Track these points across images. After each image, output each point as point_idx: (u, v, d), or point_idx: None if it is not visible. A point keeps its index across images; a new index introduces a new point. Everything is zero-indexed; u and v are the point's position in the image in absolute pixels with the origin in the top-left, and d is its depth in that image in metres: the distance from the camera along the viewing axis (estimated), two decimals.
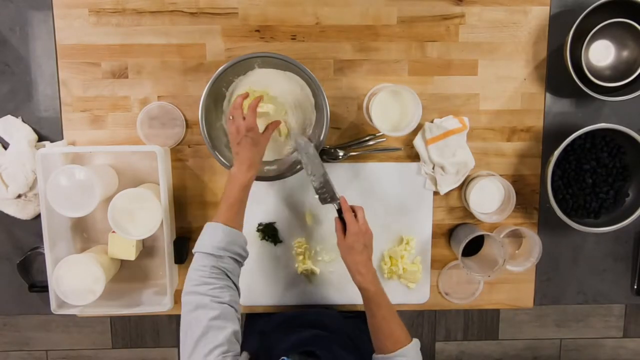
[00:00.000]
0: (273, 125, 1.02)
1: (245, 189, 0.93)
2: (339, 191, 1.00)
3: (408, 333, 0.91)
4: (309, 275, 1.16)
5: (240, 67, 1.03)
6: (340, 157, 1.13)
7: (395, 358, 0.87)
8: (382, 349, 0.90)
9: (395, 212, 1.16)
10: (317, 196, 1.00)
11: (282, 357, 0.85)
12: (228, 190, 0.91)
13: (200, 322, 0.78)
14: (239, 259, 0.89)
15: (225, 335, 0.78)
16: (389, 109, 1.05)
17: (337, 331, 1.06)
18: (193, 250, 0.88)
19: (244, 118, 0.95)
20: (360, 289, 0.93)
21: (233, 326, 0.80)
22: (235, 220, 0.90)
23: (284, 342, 0.99)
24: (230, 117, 0.96)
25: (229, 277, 0.86)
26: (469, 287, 1.21)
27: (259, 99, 0.98)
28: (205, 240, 0.88)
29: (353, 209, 0.97)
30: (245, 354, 0.83)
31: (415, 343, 0.90)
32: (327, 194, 0.99)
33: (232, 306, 0.82)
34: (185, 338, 0.79)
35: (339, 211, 0.98)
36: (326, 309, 1.17)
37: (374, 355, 0.91)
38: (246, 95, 0.99)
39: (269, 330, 1.10)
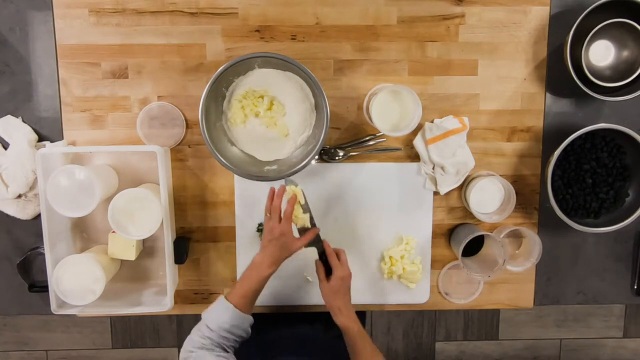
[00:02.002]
0: (309, 235, 1.02)
1: (263, 282, 0.98)
2: (339, 193, 1.00)
3: None
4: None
5: (240, 67, 1.03)
6: (340, 157, 1.13)
7: None
8: None
9: (395, 212, 1.15)
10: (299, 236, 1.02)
11: None
12: (247, 278, 0.97)
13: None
14: (240, 340, 0.95)
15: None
16: (389, 109, 1.05)
17: (321, 351, 1.07)
18: (202, 315, 0.95)
19: (280, 220, 0.98)
20: (343, 328, 0.97)
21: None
22: (247, 306, 0.95)
23: None
24: (268, 214, 1.00)
25: (226, 351, 0.92)
26: (469, 287, 1.21)
27: (293, 201, 0.99)
28: (213, 315, 0.93)
29: (336, 252, 1.02)
30: None
31: None
32: (313, 238, 1.02)
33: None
34: None
35: (321, 254, 1.03)
36: (310, 325, 1.18)
37: None
38: (283, 191, 1.00)
39: (252, 354, 1.11)
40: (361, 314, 1.29)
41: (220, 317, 0.92)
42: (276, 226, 0.97)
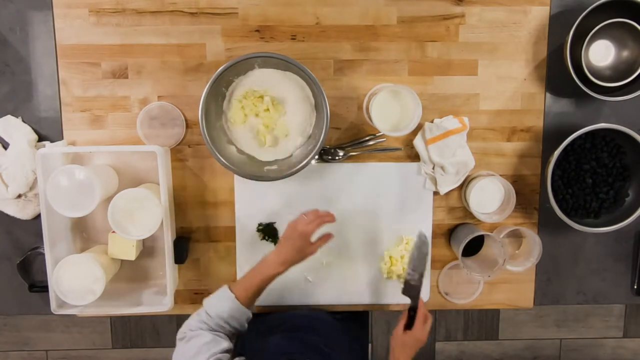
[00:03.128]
0: (323, 240, 1.01)
1: (269, 280, 0.97)
2: (339, 193, 1.00)
3: None
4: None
5: (240, 67, 1.03)
6: (340, 157, 1.13)
7: None
8: None
9: (395, 212, 1.15)
10: (402, 286, 1.04)
11: None
12: (253, 273, 0.97)
13: (192, 348, 0.86)
14: (235, 332, 0.95)
15: (213, 352, 0.84)
16: (389, 109, 1.05)
17: (326, 333, 1.06)
18: (204, 301, 0.95)
19: (309, 222, 0.97)
20: None
21: (222, 347, 0.86)
22: (248, 300, 0.95)
23: (271, 348, 1.00)
24: (304, 216, 0.99)
25: (225, 333, 0.93)
26: (469, 287, 1.21)
27: (332, 218, 1.00)
28: (214, 302, 0.94)
29: (426, 314, 1.02)
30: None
31: None
32: (413, 291, 1.02)
33: (223, 338, 0.89)
34: None
35: (412, 309, 1.02)
36: (315, 311, 1.17)
37: None
38: (333, 216, 1.01)
39: (258, 333, 1.10)
40: (362, 314, 1.30)
41: (220, 305, 0.93)
42: (300, 224, 0.96)
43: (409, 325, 1.01)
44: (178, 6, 1.09)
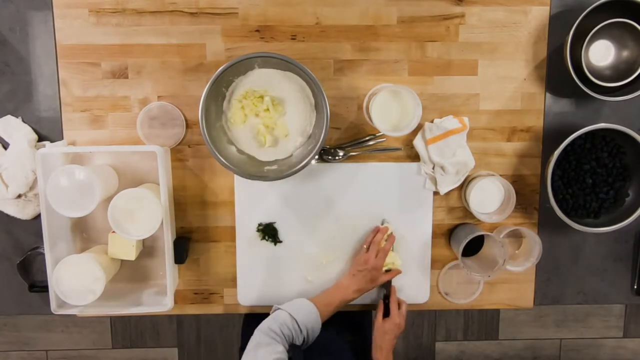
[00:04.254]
0: (393, 274, 1.12)
1: (344, 304, 1.08)
2: (339, 193, 1.00)
3: None
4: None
5: (240, 67, 1.03)
6: (340, 157, 1.13)
7: None
8: None
9: (395, 212, 1.15)
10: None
11: None
12: (332, 293, 1.08)
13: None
14: (301, 343, 0.99)
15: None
16: (389, 109, 1.05)
17: (327, 340, 1.07)
18: (282, 306, 1.00)
19: (376, 255, 1.09)
20: None
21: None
22: (325, 317, 1.03)
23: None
24: (365, 247, 1.11)
25: (291, 344, 0.96)
26: (469, 287, 1.21)
27: (392, 240, 1.12)
28: (300, 311, 0.99)
29: (399, 301, 1.12)
30: None
31: None
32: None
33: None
34: None
35: (386, 296, 1.13)
36: (324, 329, 1.18)
37: None
38: (385, 231, 1.12)
39: None
40: (366, 314, 1.30)
41: (307, 314, 0.99)
42: (371, 260, 1.08)
43: (386, 314, 1.10)
44: (178, 6, 1.09)
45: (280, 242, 1.16)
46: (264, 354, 0.88)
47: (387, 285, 1.13)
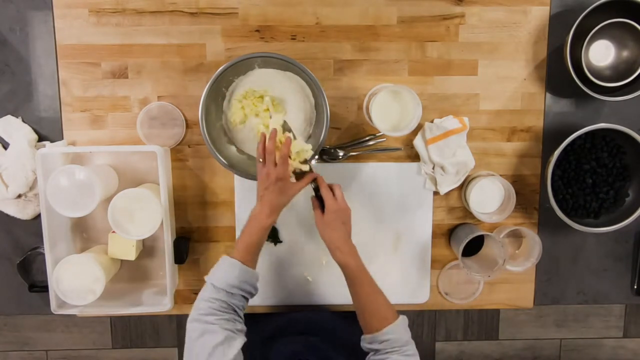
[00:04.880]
0: (307, 179, 0.98)
1: (265, 233, 0.94)
2: None
3: (395, 310, 0.90)
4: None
5: (240, 67, 1.03)
6: (340, 157, 1.13)
7: (382, 336, 0.86)
8: (369, 328, 0.89)
9: (395, 212, 1.16)
10: (293, 176, 0.99)
11: None
12: (248, 231, 0.93)
13: (205, 347, 0.81)
14: (248, 296, 0.92)
15: (231, 356, 0.80)
16: (389, 109, 1.05)
17: (328, 334, 1.06)
18: (206, 278, 0.90)
19: (275, 164, 0.93)
20: (341, 265, 0.92)
21: (233, 352, 0.82)
22: (252, 260, 0.92)
23: (277, 353, 0.99)
24: (260, 160, 0.94)
25: (237, 312, 0.88)
26: (469, 287, 1.21)
27: (289, 143, 0.94)
28: (220, 274, 0.89)
29: (331, 187, 0.97)
30: None
31: (402, 320, 0.89)
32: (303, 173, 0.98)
33: (236, 333, 0.85)
34: None
35: (316, 190, 0.98)
36: (317, 311, 1.17)
37: (362, 337, 0.90)
38: (275, 134, 0.95)
39: (262, 339, 1.10)
40: (353, 313, 1.30)
41: (227, 274, 0.88)
42: (272, 171, 0.92)
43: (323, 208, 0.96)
44: (178, 6, 1.09)
45: (280, 242, 1.16)
46: (208, 339, 0.82)
47: (313, 182, 0.98)
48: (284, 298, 1.17)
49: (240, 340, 0.84)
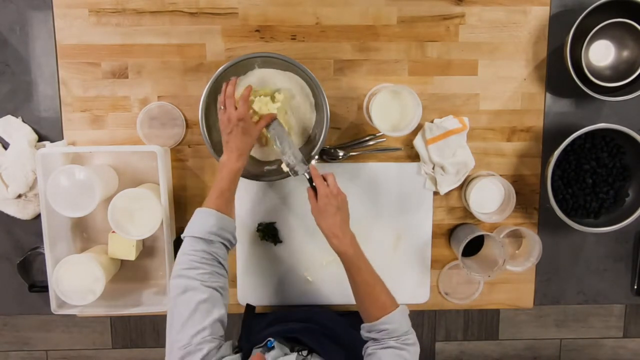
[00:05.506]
0: (267, 118, 0.99)
1: (235, 177, 0.94)
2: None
3: (394, 299, 0.89)
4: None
5: (240, 67, 1.03)
6: (340, 157, 1.13)
7: (380, 325, 0.85)
8: (368, 317, 0.88)
9: (395, 212, 1.15)
10: (287, 170, 1.00)
11: (268, 339, 0.85)
12: (218, 179, 0.92)
13: (189, 304, 0.80)
14: (228, 245, 0.90)
15: (211, 320, 0.80)
16: (389, 109, 1.05)
17: (328, 327, 1.05)
18: (182, 235, 0.89)
19: (235, 108, 0.95)
20: (338, 253, 0.91)
21: (219, 312, 0.82)
22: (226, 208, 0.91)
23: (272, 329, 0.99)
24: (222, 107, 0.96)
25: (219, 262, 0.87)
26: (469, 287, 1.21)
27: (250, 88, 0.98)
28: (196, 225, 0.88)
29: (323, 176, 0.96)
30: (229, 343, 0.83)
31: (402, 309, 0.88)
32: (297, 166, 0.99)
33: (220, 292, 0.84)
34: (172, 319, 0.80)
35: (310, 180, 0.97)
36: (319, 307, 1.17)
37: (362, 325, 0.89)
38: (235, 81, 0.99)
39: (261, 328, 1.10)
40: (355, 313, 1.29)
41: (204, 223, 0.87)
42: (232, 112, 0.94)
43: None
44: (178, 6, 1.09)
45: (281, 242, 1.16)
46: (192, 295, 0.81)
47: (304, 169, 0.98)
48: (284, 298, 1.17)
49: (224, 301, 0.84)
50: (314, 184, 0.96)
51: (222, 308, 0.83)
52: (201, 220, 0.88)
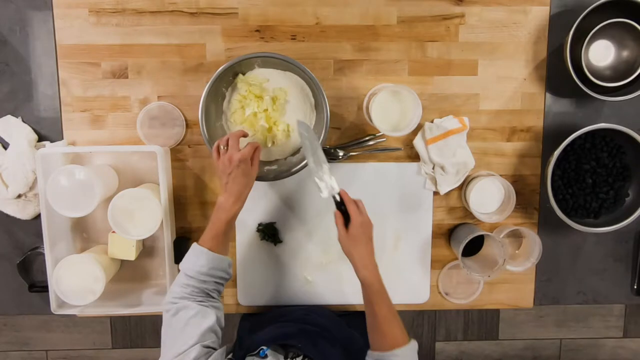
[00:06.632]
0: (256, 153, 0.97)
1: (231, 222, 0.94)
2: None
3: (407, 334, 0.90)
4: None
5: (240, 67, 1.03)
6: (340, 157, 1.13)
7: (391, 357, 0.86)
8: (378, 346, 0.89)
9: (395, 212, 1.16)
10: (322, 193, 0.95)
11: (261, 347, 0.86)
12: (215, 220, 0.94)
13: (180, 321, 0.85)
14: (222, 282, 0.93)
15: (201, 330, 0.83)
16: (389, 109, 1.05)
17: (325, 327, 1.05)
18: (179, 266, 0.92)
19: (237, 147, 0.94)
20: (365, 284, 0.90)
21: (209, 322, 0.85)
22: (220, 248, 0.93)
23: (266, 334, 0.99)
24: (223, 147, 0.95)
25: (210, 295, 0.91)
26: (469, 287, 1.21)
27: (257, 147, 0.97)
28: (189, 262, 0.91)
29: (354, 201, 0.94)
30: (222, 350, 0.84)
31: (413, 344, 0.89)
32: (325, 188, 0.95)
33: (210, 308, 0.88)
34: (166, 337, 0.85)
35: (339, 203, 0.93)
36: (317, 307, 1.17)
37: (369, 352, 0.90)
38: (241, 133, 0.98)
39: (257, 327, 1.10)
40: (352, 313, 1.30)
41: (197, 262, 0.90)
42: (234, 154, 0.92)
43: (347, 222, 0.92)
44: (178, 6, 1.09)
45: (281, 242, 1.16)
46: (184, 314, 0.85)
47: (337, 195, 0.94)
48: (283, 298, 1.17)
49: (214, 313, 0.87)
50: (342, 208, 0.93)
51: (212, 318, 0.86)
52: (194, 259, 0.91)
